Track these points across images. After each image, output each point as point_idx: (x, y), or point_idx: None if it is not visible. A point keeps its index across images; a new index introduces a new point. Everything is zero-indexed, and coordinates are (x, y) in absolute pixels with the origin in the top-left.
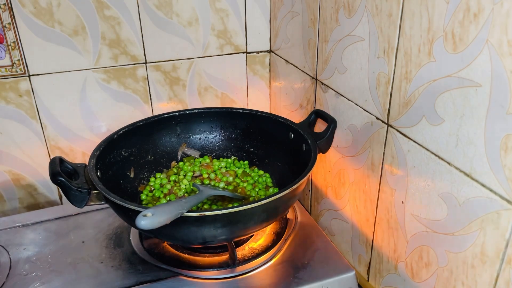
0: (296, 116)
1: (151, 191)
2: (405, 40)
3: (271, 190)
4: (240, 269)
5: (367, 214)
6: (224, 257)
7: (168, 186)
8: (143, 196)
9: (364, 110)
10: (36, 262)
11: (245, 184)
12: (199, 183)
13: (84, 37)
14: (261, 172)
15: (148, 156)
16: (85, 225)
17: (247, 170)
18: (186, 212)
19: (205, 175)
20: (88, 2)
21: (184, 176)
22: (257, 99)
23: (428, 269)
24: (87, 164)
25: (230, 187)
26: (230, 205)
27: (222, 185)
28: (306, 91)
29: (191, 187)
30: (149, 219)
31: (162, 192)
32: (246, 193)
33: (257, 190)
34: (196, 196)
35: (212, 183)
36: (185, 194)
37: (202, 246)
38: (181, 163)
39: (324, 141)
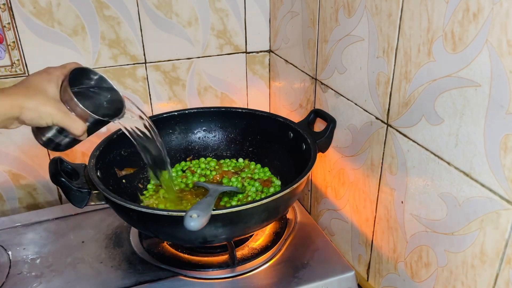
0: (296, 116)
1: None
2: (404, 40)
3: (274, 179)
4: (240, 269)
5: (367, 214)
6: (224, 257)
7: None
8: (143, 196)
9: (364, 110)
10: (36, 262)
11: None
12: (204, 181)
13: (83, 37)
14: (259, 165)
15: None
16: (85, 225)
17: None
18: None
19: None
20: (88, 2)
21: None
22: (256, 99)
23: (427, 269)
24: (87, 164)
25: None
26: (230, 201)
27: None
28: (305, 91)
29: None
30: (197, 220)
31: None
32: (245, 185)
33: (256, 178)
34: (211, 194)
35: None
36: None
37: (202, 246)
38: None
39: (324, 140)
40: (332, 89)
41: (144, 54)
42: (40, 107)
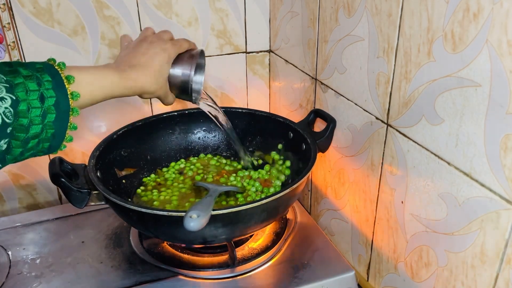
0: (296, 116)
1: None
2: (404, 40)
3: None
4: (240, 269)
5: (367, 214)
6: (224, 257)
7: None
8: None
9: (364, 110)
10: (36, 262)
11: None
12: (203, 181)
13: (83, 37)
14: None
15: (148, 156)
16: (85, 225)
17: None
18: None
19: (211, 177)
20: (88, 2)
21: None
22: (256, 99)
23: (427, 269)
24: (87, 164)
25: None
26: (231, 201)
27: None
28: (305, 91)
29: (193, 186)
30: (197, 221)
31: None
32: (244, 185)
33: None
34: (211, 194)
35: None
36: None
37: (202, 246)
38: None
39: (324, 140)
40: (332, 89)
41: None
42: (157, 91)
